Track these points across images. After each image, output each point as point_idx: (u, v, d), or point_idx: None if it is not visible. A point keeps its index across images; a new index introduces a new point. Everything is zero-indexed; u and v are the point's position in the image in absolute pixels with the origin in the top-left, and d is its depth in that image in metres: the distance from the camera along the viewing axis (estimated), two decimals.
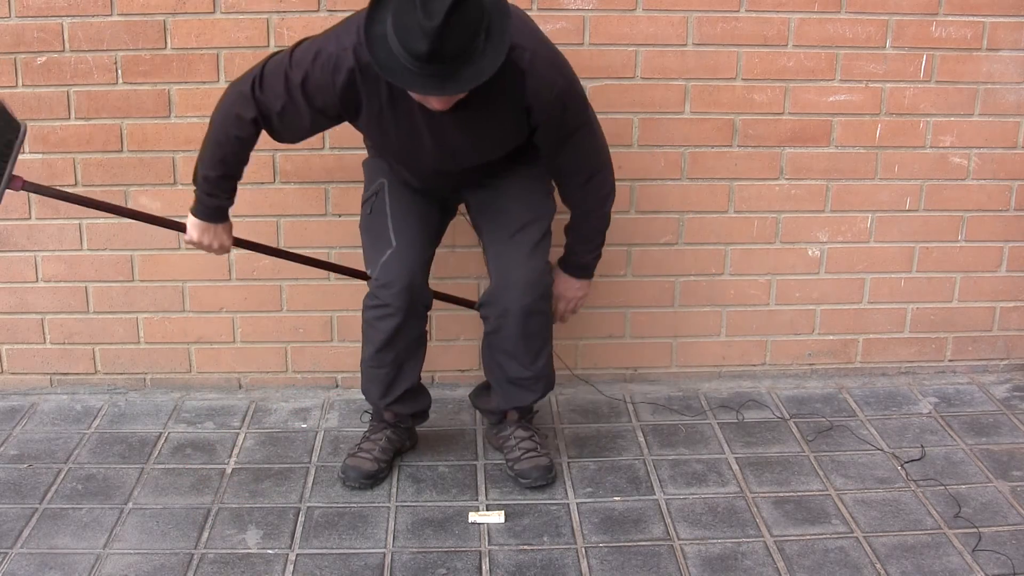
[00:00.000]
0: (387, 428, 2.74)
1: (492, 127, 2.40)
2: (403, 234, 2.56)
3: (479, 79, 2.15)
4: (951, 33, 2.96)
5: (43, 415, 3.04)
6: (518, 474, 2.68)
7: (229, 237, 2.61)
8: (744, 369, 3.26)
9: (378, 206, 2.61)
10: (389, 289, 2.52)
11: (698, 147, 3.03)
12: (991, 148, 3.09)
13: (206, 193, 2.52)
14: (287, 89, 2.34)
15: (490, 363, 2.71)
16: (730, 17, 2.92)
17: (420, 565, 2.35)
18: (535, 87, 2.31)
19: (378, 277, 2.54)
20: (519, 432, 2.73)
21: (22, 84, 2.88)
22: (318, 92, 2.33)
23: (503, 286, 2.56)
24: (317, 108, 2.37)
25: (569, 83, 2.39)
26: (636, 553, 2.40)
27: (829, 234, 3.13)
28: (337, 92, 2.32)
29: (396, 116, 2.36)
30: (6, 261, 3.05)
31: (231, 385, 3.19)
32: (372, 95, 2.33)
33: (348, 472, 2.68)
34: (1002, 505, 2.59)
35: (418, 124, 2.36)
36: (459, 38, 2.08)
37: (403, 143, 2.44)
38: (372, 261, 2.58)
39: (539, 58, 2.31)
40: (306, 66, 2.32)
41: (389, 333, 2.57)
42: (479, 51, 2.14)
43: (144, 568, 2.34)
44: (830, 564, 2.36)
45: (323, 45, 2.32)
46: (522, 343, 2.60)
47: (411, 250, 2.54)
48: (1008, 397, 3.17)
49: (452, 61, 2.11)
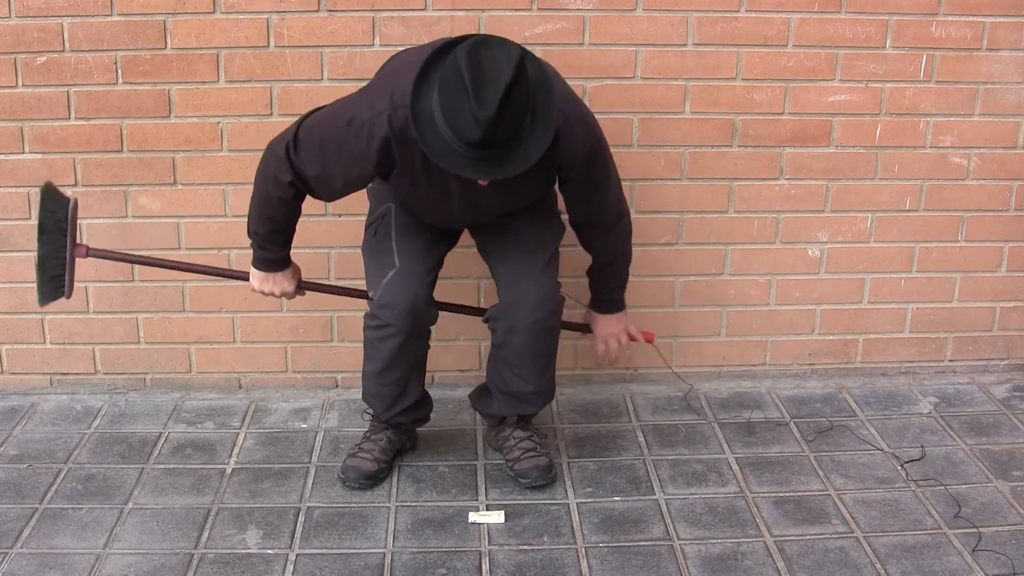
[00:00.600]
0: (388, 429, 2.75)
1: (523, 187, 2.41)
2: (407, 256, 2.55)
3: (527, 163, 2.16)
4: (951, 33, 2.96)
5: (43, 415, 3.04)
6: (518, 474, 2.68)
7: (291, 283, 2.63)
8: (744, 369, 3.26)
9: (383, 229, 2.61)
10: (391, 310, 2.51)
11: (698, 147, 3.03)
12: (991, 148, 3.09)
13: (258, 246, 2.57)
14: (321, 154, 2.35)
15: (493, 374, 2.71)
16: (730, 17, 2.92)
17: (420, 565, 2.35)
18: (568, 148, 2.34)
19: (380, 298, 2.53)
20: (518, 432, 2.73)
21: (22, 84, 2.88)
22: (352, 158, 2.34)
23: (514, 302, 2.55)
24: (351, 172, 2.39)
25: (597, 140, 2.42)
26: (636, 553, 2.40)
27: (829, 234, 3.13)
28: (372, 158, 2.32)
29: (429, 178, 2.38)
30: (6, 261, 3.05)
31: (231, 385, 3.19)
32: (406, 159, 2.34)
33: (348, 472, 2.68)
34: (1002, 505, 2.59)
35: (449, 185, 2.39)
36: (510, 126, 2.10)
37: (433, 201, 2.46)
38: (374, 281, 2.57)
39: (572, 119, 2.33)
40: (340, 133, 2.32)
41: (392, 353, 2.57)
42: (526, 133, 2.15)
43: (144, 568, 2.34)
44: (830, 564, 2.36)
45: (356, 111, 2.31)
46: (529, 359, 2.61)
47: (414, 272, 2.54)
48: (1008, 397, 3.17)
49: (502, 146, 2.12)
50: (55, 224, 2.50)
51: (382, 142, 2.29)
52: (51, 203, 2.51)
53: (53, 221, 2.50)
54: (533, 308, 2.54)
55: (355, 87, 2.90)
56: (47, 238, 2.50)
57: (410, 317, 2.52)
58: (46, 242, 2.50)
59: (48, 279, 2.53)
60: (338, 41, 2.87)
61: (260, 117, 2.93)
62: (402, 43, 2.84)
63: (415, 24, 2.86)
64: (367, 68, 2.87)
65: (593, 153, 2.41)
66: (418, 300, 2.52)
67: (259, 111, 2.92)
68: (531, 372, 2.63)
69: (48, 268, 2.51)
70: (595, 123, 2.44)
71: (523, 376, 2.64)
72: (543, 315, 2.56)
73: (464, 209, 2.47)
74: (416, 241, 2.59)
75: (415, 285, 2.53)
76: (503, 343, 2.61)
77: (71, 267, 2.54)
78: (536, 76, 2.16)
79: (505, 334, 2.58)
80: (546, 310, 2.57)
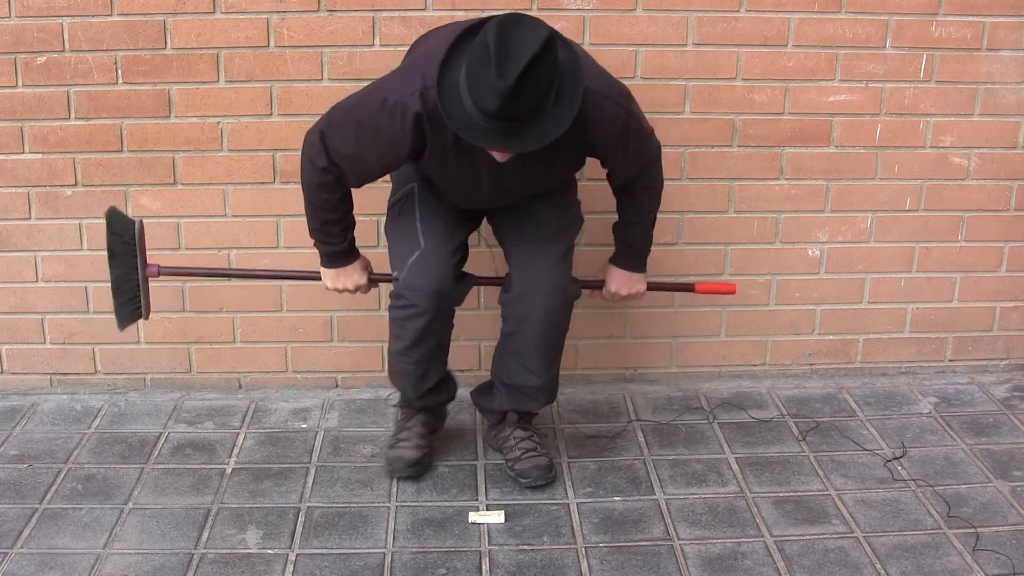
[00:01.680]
0: (418, 413, 2.77)
1: (551, 167, 2.44)
2: (432, 236, 2.55)
3: (542, 142, 2.17)
4: (951, 33, 2.96)
5: (43, 415, 3.04)
6: (518, 474, 2.68)
7: (362, 274, 2.63)
8: (744, 369, 3.26)
9: (406, 209, 2.61)
10: (417, 291, 2.52)
11: (698, 147, 3.03)
12: (991, 148, 3.09)
13: (320, 242, 2.58)
14: (356, 137, 2.37)
15: (500, 365, 2.71)
16: (730, 17, 2.92)
17: (420, 565, 2.35)
18: (600, 129, 2.35)
19: (406, 279, 2.53)
20: (518, 432, 2.73)
21: (22, 84, 2.88)
22: (387, 139, 2.35)
23: (528, 291, 2.55)
24: (386, 154, 2.40)
25: (629, 114, 2.40)
26: (636, 553, 2.40)
27: (829, 234, 3.13)
28: (407, 138, 2.34)
29: (459, 157, 2.38)
30: (6, 261, 3.05)
31: (231, 385, 3.19)
32: (437, 137, 2.35)
33: (394, 464, 2.70)
34: (1002, 505, 2.59)
35: (479, 165, 2.39)
36: (529, 100, 2.10)
37: (461, 180, 2.47)
38: (400, 261, 2.56)
39: (601, 97, 2.32)
40: (374, 114, 2.34)
41: (418, 332, 2.57)
42: (547, 113, 2.16)
43: (144, 568, 2.34)
44: (830, 564, 2.36)
45: (389, 92, 2.34)
46: (538, 350, 2.61)
47: (439, 253, 2.54)
48: (1008, 397, 3.17)
49: (519, 120, 2.13)
50: (123, 247, 2.51)
51: (415, 120, 2.30)
52: (116, 226, 2.52)
53: (121, 244, 2.51)
54: (547, 298, 2.54)
55: (355, 87, 2.90)
56: (117, 262, 2.52)
57: (436, 299, 2.52)
58: (117, 266, 2.52)
59: (124, 303, 2.55)
60: (338, 41, 2.87)
61: (260, 117, 2.93)
62: (402, 43, 2.84)
63: (415, 24, 2.86)
64: (367, 68, 2.87)
65: (626, 128, 2.39)
66: (444, 282, 2.52)
67: (259, 111, 2.93)
68: (538, 364, 2.63)
69: (123, 292, 2.54)
70: (626, 97, 2.41)
71: (530, 368, 2.63)
72: (557, 306, 2.56)
73: (492, 189, 2.46)
74: (440, 221, 2.58)
75: (441, 266, 2.53)
76: (514, 331, 2.60)
77: (145, 288, 2.56)
78: (567, 60, 2.18)
79: (518, 322, 2.58)
80: (560, 301, 2.56)
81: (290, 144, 2.94)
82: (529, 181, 2.48)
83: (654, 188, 2.59)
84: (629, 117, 2.39)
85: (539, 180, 2.51)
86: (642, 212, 2.61)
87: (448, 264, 2.54)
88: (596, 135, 2.36)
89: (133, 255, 2.53)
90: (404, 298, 2.54)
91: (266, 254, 3.04)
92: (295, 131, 2.93)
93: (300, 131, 2.75)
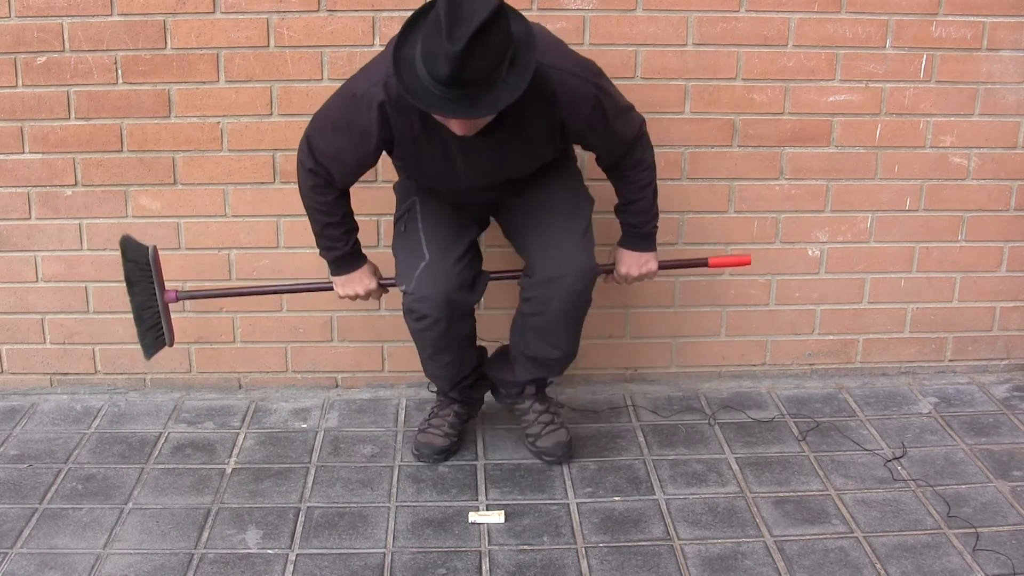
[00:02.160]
0: (454, 403, 2.80)
1: (525, 146, 2.44)
2: (436, 246, 2.56)
3: (496, 108, 2.19)
4: (951, 33, 2.96)
5: (43, 415, 3.04)
6: (540, 451, 2.74)
7: (372, 279, 2.64)
8: (744, 369, 3.26)
9: (410, 223, 2.63)
10: (427, 302, 2.53)
11: (698, 147, 3.03)
12: (991, 148, 3.09)
13: (324, 248, 2.61)
14: (333, 134, 2.42)
15: (520, 339, 2.70)
16: (730, 17, 2.92)
17: (420, 565, 2.35)
18: (570, 105, 2.36)
19: (414, 291, 2.54)
20: (537, 406, 2.78)
21: (22, 84, 2.88)
22: (356, 130, 2.39)
23: (554, 274, 2.52)
24: (360, 147, 2.43)
25: (599, 88, 2.39)
26: (636, 553, 2.40)
27: (829, 234, 3.13)
28: (373, 126, 2.36)
29: (430, 142, 2.39)
30: (6, 261, 3.05)
31: (231, 385, 3.19)
32: (404, 124, 2.37)
33: (422, 449, 2.75)
34: (1002, 505, 2.59)
35: (450, 148, 2.40)
36: (480, 66, 2.11)
37: (437, 167, 2.47)
38: (407, 275, 2.57)
39: (567, 74, 2.33)
40: (345, 110, 2.40)
41: (437, 340, 2.60)
42: (500, 80, 2.16)
43: (144, 568, 2.34)
44: (830, 564, 2.36)
45: (356, 87, 2.39)
46: (564, 328, 2.61)
47: (444, 262, 2.54)
48: (1008, 397, 3.17)
49: (472, 87, 2.13)
50: (140, 274, 2.53)
51: (379, 109, 2.33)
52: (131, 254, 2.53)
53: (137, 271, 2.53)
54: (575, 280, 2.53)
55: None
56: (135, 289, 2.54)
57: (447, 307, 2.53)
58: (136, 294, 2.54)
59: (146, 330, 2.57)
60: (338, 41, 2.87)
61: (260, 117, 2.93)
62: None
63: None
64: None
65: (598, 103, 2.39)
66: (451, 289, 2.53)
67: (259, 111, 2.93)
68: (563, 339, 2.64)
69: (144, 320, 2.56)
70: (594, 73, 2.41)
71: (553, 343, 2.64)
72: (584, 286, 2.55)
73: (469, 172, 2.45)
74: (444, 230, 2.59)
75: (447, 274, 2.53)
76: (537, 312, 2.59)
77: (166, 314, 2.58)
78: (521, 32, 2.20)
79: (542, 305, 2.57)
80: (586, 281, 2.56)
81: (290, 144, 2.94)
82: (507, 163, 2.47)
83: (646, 160, 2.57)
84: (599, 91, 2.39)
85: (517, 162, 2.49)
86: (639, 188, 2.59)
87: (454, 271, 2.54)
88: (568, 113, 2.36)
89: (151, 281, 2.54)
90: (416, 311, 2.56)
91: (266, 254, 3.04)
92: (295, 131, 2.92)
93: (300, 131, 2.75)
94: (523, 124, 2.34)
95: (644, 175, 2.58)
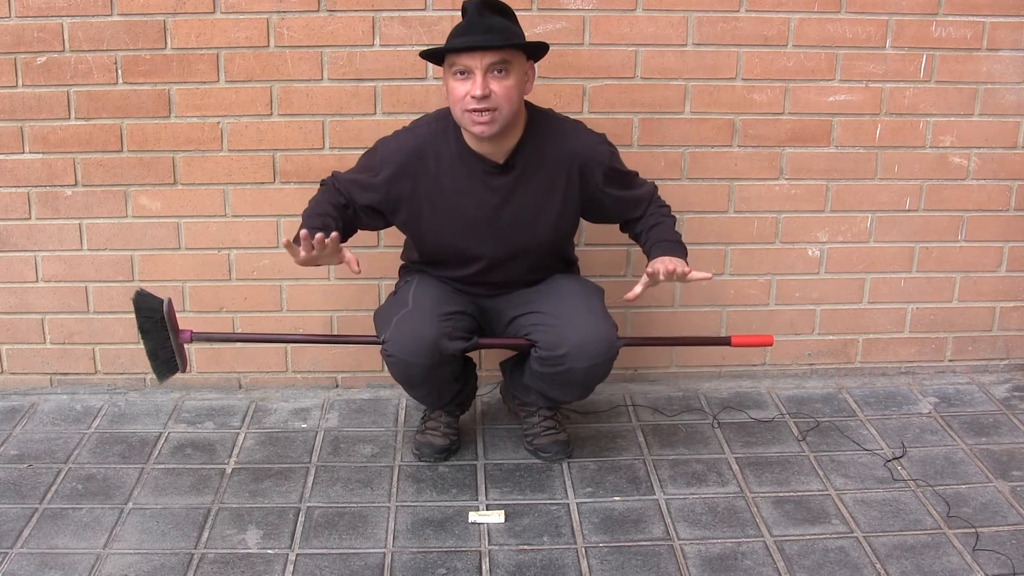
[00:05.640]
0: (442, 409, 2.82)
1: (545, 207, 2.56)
2: (421, 297, 2.59)
3: (508, 34, 2.39)
4: (951, 33, 2.96)
5: (43, 415, 3.04)
6: (537, 448, 2.77)
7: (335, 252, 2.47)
8: (744, 369, 3.26)
9: (403, 288, 2.69)
10: (400, 345, 2.52)
11: (698, 147, 3.03)
12: (991, 148, 3.09)
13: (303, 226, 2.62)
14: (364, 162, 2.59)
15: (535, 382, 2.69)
16: (730, 17, 2.92)
17: (420, 565, 2.35)
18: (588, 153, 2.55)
19: (390, 335, 2.53)
20: (543, 411, 2.80)
21: (22, 84, 2.88)
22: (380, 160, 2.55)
23: (576, 346, 2.51)
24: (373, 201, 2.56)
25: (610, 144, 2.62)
26: (636, 553, 2.40)
27: (829, 234, 3.13)
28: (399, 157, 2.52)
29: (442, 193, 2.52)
30: (6, 261, 3.05)
31: (231, 385, 3.19)
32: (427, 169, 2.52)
33: (422, 449, 2.77)
34: (1002, 505, 2.59)
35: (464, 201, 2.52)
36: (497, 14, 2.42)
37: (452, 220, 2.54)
38: (385, 324, 2.58)
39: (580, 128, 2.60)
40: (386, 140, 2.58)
41: (415, 378, 2.60)
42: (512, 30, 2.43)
43: (144, 568, 2.34)
44: (830, 564, 2.36)
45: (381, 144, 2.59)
46: (583, 388, 2.66)
47: (427, 311, 2.54)
48: (1008, 397, 3.17)
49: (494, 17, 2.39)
50: (154, 324, 2.54)
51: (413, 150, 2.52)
52: (146, 310, 2.53)
53: (151, 322, 2.54)
54: (599, 352, 2.54)
55: (355, 87, 2.92)
56: (149, 336, 2.55)
57: (425, 352, 2.50)
58: (150, 339, 2.55)
59: (160, 364, 2.58)
60: (338, 41, 2.87)
61: (260, 117, 2.93)
62: (402, 43, 2.85)
63: (415, 24, 2.86)
64: (367, 68, 2.87)
65: (613, 155, 2.61)
66: (429, 334, 2.49)
67: (259, 111, 2.93)
68: (582, 394, 2.69)
69: (159, 356, 2.57)
70: (602, 135, 2.63)
71: (573, 396, 2.71)
72: (607, 359, 2.57)
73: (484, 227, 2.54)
74: (435, 291, 2.63)
75: (428, 320, 2.52)
76: (559, 374, 2.59)
77: (180, 352, 2.58)
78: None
79: (566, 371, 2.56)
80: (611, 354, 2.57)
81: (290, 144, 2.94)
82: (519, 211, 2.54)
83: (666, 206, 2.70)
84: (611, 146, 2.61)
85: (531, 214, 2.55)
86: (661, 216, 2.67)
87: (436, 318, 2.53)
88: (585, 162, 2.53)
89: (165, 328, 2.54)
90: (393, 356, 2.54)
91: (266, 254, 3.04)
92: (295, 131, 2.93)
93: (300, 131, 2.76)
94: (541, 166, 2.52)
95: (666, 209, 2.69)
